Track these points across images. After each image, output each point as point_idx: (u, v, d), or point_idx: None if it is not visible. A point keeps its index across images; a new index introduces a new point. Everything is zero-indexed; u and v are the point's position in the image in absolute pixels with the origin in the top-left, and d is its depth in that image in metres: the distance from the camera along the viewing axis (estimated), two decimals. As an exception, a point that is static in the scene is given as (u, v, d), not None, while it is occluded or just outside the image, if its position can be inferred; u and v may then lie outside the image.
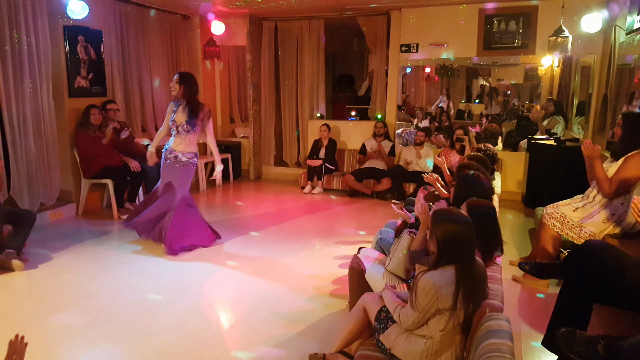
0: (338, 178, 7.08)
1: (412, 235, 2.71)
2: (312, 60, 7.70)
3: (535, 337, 2.92)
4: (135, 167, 5.66)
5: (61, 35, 5.45)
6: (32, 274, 3.96)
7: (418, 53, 6.93)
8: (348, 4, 6.73)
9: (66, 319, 3.21)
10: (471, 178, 2.89)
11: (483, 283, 2.06)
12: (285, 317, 3.26)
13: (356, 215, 6.00)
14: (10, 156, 4.96)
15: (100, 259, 4.32)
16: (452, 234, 2.00)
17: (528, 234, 5.14)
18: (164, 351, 2.82)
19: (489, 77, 8.37)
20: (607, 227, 3.52)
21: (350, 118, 8.01)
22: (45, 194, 5.40)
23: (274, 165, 8.31)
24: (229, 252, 4.53)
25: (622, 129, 3.52)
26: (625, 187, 3.40)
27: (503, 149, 7.06)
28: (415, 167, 6.67)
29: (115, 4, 6.11)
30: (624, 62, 5.10)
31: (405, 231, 2.77)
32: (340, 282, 3.74)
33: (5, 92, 4.85)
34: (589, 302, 2.53)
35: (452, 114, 8.17)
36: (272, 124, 8.24)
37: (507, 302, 2.23)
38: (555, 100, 7.24)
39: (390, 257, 2.79)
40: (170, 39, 7.20)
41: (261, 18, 7.81)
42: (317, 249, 4.68)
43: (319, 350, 2.66)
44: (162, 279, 3.89)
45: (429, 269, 2.04)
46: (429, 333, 2.03)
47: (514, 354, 1.58)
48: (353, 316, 2.43)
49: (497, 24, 6.49)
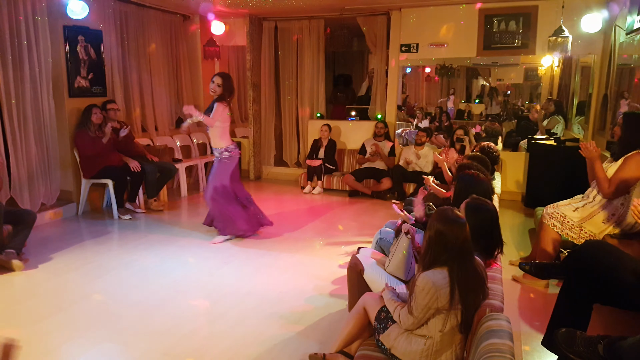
0: (338, 178, 7.09)
1: (409, 237, 2.71)
2: (312, 60, 7.69)
3: (535, 337, 2.92)
4: (135, 167, 5.66)
5: (61, 35, 5.45)
6: (32, 274, 3.96)
7: (418, 53, 6.93)
8: (348, 4, 6.73)
9: (66, 319, 3.21)
10: (471, 178, 2.89)
11: (482, 283, 2.05)
12: (285, 317, 3.26)
13: (356, 215, 6.00)
14: (11, 156, 4.97)
15: (100, 259, 4.32)
16: (441, 234, 1.99)
17: (528, 234, 5.14)
18: (164, 351, 2.82)
19: (489, 77, 8.38)
20: (607, 227, 3.51)
21: (350, 118, 8.01)
22: (46, 194, 5.41)
23: (274, 165, 8.31)
24: (229, 252, 4.53)
25: (622, 129, 3.52)
26: (625, 187, 3.40)
27: (503, 149, 7.06)
28: (415, 167, 6.67)
29: (115, 4, 6.11)
30: (624, 62, 5.10)
31: (405, 226, 2.75)
32: (340, 282, 3.74)
33: (5, 92, 4.85)
34: (589, 302, 2.53)
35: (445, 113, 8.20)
36: (272, 124, 8.25)
37: (507, 302, 2.23)
38: (555, 100, 7.25)
39: (390, 259, 2.79)
40: (170, 39, 7.20)
41: (261, 18, 7.81)
42: (317, 249, 4.68)
43: (319, 350, 2.65)
44: (162, 279, 3.89)
45: (424, 269, 2.03)
46: (429, 333, 2.03)
47: (514, 354, 1.58)
48: (353, 316, 2.43)
49: (497, 24, 6.49)
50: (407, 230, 2.69)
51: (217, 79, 4.60)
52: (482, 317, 1.89)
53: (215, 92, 4.60)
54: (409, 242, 2.70)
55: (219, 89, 4.58)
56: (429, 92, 8.66)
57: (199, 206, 6.40)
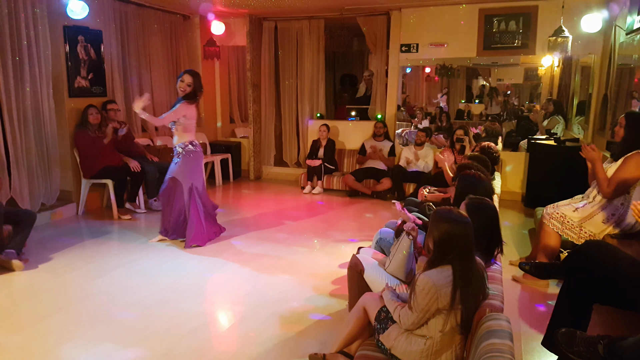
0: (338, 178, 7.08)
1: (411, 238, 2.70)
2: (312, 60, 7.69)
3: (535, 337, 2.92)
4: (135, 167, 5.66)
5: (61, 35, 5.45)
6: (32, 274, 3.96)
7: (418, 53, 6.94)
8: (348, 4, 6.73)
9: (66, 319, 3.21)
10: (472, 178, 2.89)
11: (483, 283, 2.06)
12: (285, 317, 3.26)
13: (356, 215, 6.00)
14: (11, 156, 4.96)
15: (100, 259, 4.32)
16: (449, 234, 2.00)
17: (528, 234, 5.14)
18: (164, 351, 2.82)
19: (489, 77, 8.38)
20: (607, 228, 3.52)
21: (350, 118, 8.01)
22: (46, 194, 5.41)
23: (274, 165, 8.31)
24: (229, 253, 4.53)
25: (625, 129, 3.49)
26: (625, 187, 3.40)
27: (503, 149, 7.06)
28: (415, 167, 6.67)
29: (115, 4, 6.11)
30: (624, 62, 5.10)
31: (408, 225, 2.73)
32: (340, 282, 3.74)
33: (6, 92, 4.85)
34: (589, 302, 2.53)
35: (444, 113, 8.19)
36: (272, 124, 8.25)
37: (507, 302, 2.23)
38: (555, 100, 7.25)
39: (390, 259, 2.79)
40: (170, 39, 7.20)
41: (261, 18, 7.81)
42: (317, 249, 4.68)
43: (319, 350, 2.66)
44: (162, 280, 3.89)
45: (426, 268, 2.04)
46: (429, 333, 2.03)
47: (514, 354, 1.58)
48: (353, 316, 2.43)
49: (497, 24, 6.49)
50: (410, 228, 2.68)
51: (187, 77, 4.38)
52: (482, 317, 1.89)
53: (185, 91, 4.39)
54: (410, 242, 2.69)
55: (189, 88, 4.38)
56: (429, 92, 8.66)
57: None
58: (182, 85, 4.40)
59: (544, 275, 3.23)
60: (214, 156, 7.64)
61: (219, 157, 7.65)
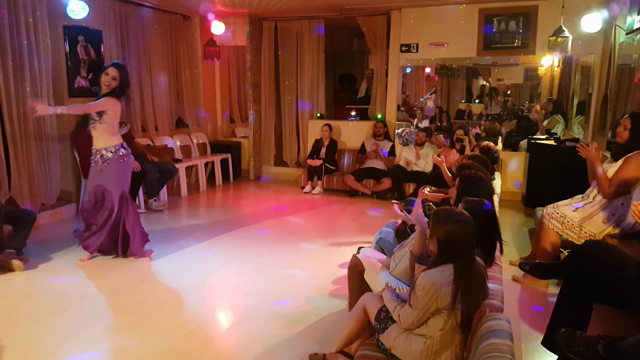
0: (338, 178, 7.08)
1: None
2: (312, 60, 7.69)
3: (535, 337, 2.92)
4: (135, 167, 5.64)
5: (61, 35, 5.45)
6: (32, 274, 3.96)
7: (418, 53, 6.93)
8: (348, 4, 6.73)
9: (66, 319, 3.21)
10: (473, 178, 2.89)
11: (483, 283, 2.06)
12: (285, 317, 3.26)
13: (356, 215, 6.00)
14: (11, 156, 4.96)
15: (100, 258, 4.31)
16: (453, 234, 2.00)
17: (528, 234, 5.14)
18: (164, 351, 2.82)
19: (489, 77, 8.38)
20: (607, 227, 3.52)
21: (350, 118, 8.01)
22: (46, 194, 5.40)
23: (274, 165, 8.31)
24: (229, 252, 4.53)
25: (630, 132, 3.44)
26: (625, 188, 3.40)
27: (503, 149, 7.06)
28: (415, 167, 6.67)
29: (115, 4, 6.11)
30: (624, 62, 5.10)
31: (421, 223, 2.67)
32: (340, 282, 3.74)
33: (6, 92, 4.85)
34: (589, 302, 2.53)
35: (435, 112, 8.16)
36: (272, 124, 8.25)
37: (507, 302, 2.23)
38: (555, 100, 7.25)
39: (397, 262, 2.78)
40: (170, 39, 7.20)
41: (261, 18, 7.81)
42: (317, 249, 4.67)
43: (319, 350, 2.66)
44: (162, 280, 3.89)
45: (428, 267, 2.04)
46: (429, 332, 2.03)
47: (514, 353, 1.58)
48: (353, 316, 2.43)
49: (497, 24, 6.49)
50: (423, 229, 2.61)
51: (113, 70, 3.94)
52: (482, 317, 1.89)
53: (110, 85, 3.94)
54: None
55: (114, 82, 3.94)
56: (429, 92, 8.65)
57: (199, 206, 6.41)
58: (107, 79, 3.94)
59: (544, 275, 3.23)
60: (214, 156, 7.64)
61: (219, 157, 7.65)
